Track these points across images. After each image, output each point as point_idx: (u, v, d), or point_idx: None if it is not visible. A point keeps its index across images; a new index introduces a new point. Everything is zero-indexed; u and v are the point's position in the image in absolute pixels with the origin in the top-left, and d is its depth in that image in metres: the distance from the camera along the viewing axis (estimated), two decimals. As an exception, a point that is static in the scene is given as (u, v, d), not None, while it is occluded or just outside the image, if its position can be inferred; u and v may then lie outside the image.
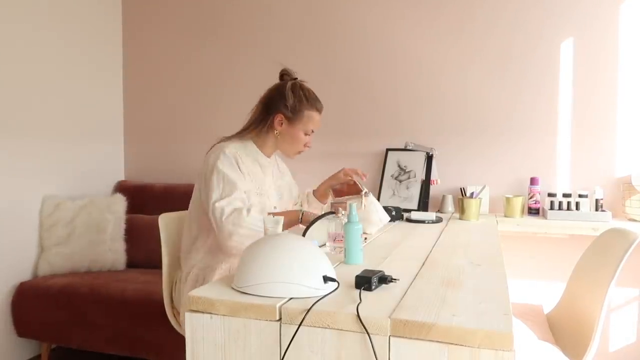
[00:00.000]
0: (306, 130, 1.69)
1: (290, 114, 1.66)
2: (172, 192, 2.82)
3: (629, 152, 2.34)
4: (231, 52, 2.90)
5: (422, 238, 1.72)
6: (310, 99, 1.70)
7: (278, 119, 1.67)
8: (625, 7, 2.32)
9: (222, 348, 0.95)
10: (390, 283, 1.06)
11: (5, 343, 2.40)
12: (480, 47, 2.51)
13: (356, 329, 0.87)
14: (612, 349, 2.38)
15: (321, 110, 1.73)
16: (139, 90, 3.10)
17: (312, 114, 1.69)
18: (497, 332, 0.79)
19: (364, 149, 2.69)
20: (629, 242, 1.36)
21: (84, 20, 2.82)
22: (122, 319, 2.17)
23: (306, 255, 1.03)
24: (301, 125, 1.68)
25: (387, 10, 2.64)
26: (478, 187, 2.31)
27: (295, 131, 1.68)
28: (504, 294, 1.00)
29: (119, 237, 2.63)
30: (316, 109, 1.70)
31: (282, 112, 1.66)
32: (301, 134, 1.69)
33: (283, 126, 1.68)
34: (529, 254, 2.44)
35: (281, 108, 1.66)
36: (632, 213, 2.22)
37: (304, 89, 1.70)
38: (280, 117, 1.67)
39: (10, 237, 2.41)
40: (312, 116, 1.69)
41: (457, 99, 2.56)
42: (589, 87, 2.38)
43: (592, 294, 1.43)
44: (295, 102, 1.66)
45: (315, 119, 1.71)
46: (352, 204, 1.28)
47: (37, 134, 2.54)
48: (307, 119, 1.68)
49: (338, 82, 2.72)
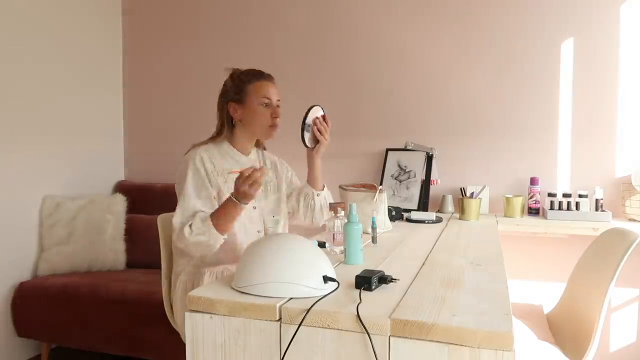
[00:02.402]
0: (259, 101, 1.65)
1: (237, 96, 1.66)
2: (172, 192, 2.77)
3: (629, 152, 2.34)
4: (231, 52, 2.90)
5: (422, 238, 1.72)
6: (248, 73, 1.68)
7: (232, 108, 1.67)
8: (625, 7, 2.32)
9: (222, 348, 0.95)
10: (390, 283, 1.06)
11: (5, 343, 2.40)
12: (480, 47, 2.51)
13: (356, 329, 0.87)
14: (613, 349, 2.38)
15: (266, 77, 1.68)
16: (139, 90, 3.10)
17: (256, 83, 1.66)
18: (497, 332, 0.79)
19: (364, 149, 2.68)
20: (629, 242, 1.36)
21: (84, 20, 2.82)
22: (122, 319, 2.17)
23: (306, 255, 1.03)
24: (251, 99, 1.65)
25: (387, 11, 2.64)
26: (478, 187, 2.31)
27: (250, 108, 1.65)
28: (504, 294, 1.00)
29: (119, 237, 2.63)
30: (258, 78, 1.67)
31: (231, 100, 1.67)
32: (257, 107, 1.65)
33: (238, 112, 1.67)
34: (529, 254, 2.44)
35: (229, 97, 1.68)
36: (632, 213, 2.22)
37: (242, 70, 1.70)
38: (232, 105, 1.67)
39: (10, 237, 2.41)
40: (258, 86, 1.65)
41: (457, 99, 2.55)
42: (589, 87, 2.38)
43: (592, 294, 1.43)
44: (235, 83, 1.68)
45: (263, 86, 1.66)
46: (352, 204, 1.28)
47: (37, 134, 2.54)
48: (253, 91, 1.65)
49: (338, 83, 2.72)
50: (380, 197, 1.76)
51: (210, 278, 1.60)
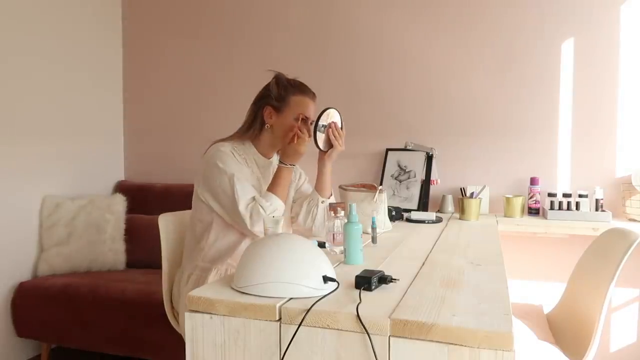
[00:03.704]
0: (297, 117, 1.63)
1: (277, 104, 1.64)
2: (172, 192, 2.82)
3: (629, 152, 2.34)
4: (231, 52, 2.90)
5: (422, 238, 1.71)
6: (295, 85, 1.67)
7: (267, 112, 1.66)
8: (625, 8, 2.32)
9: (221, 348, 0.95)
10: (390, 283, 1.06)
11: (5, 343, 2.40)
12: (480, 47, 2.51)
13: (356, 329, 0.86)
14: (613, 349, 2.38)
15: (311, 96, 1.68)
16: (139, 90, 3.10)
17: (299, 98, 1.65)
18: (497, 332, 0.79)
19: (364, 149, 2.68)
20: (629, 242, 1.36)
21: (84, 20, 2.82)
22: (122, 319, 2.17)
23: (306, 255, 1.03)
24: (290, 111, 1.64)
25: (387, 11, 2.64)
26: (478, 187, 2.31)
27: (285, 119, 1.64)
28: (504, 294, 1.00)
29: (119, 237, 2.63)
30: (303, 93, 1.66)
31: (270, 104, 1.65)
32: (293, 121, 1.63)
33: (273, 118, 1.65)
34: (529, 254, 2.44)
35: (268, 101, 1.66)
36: (632, 213, 2.22)
37: (289, 79, 1.69)
38: (269, 109, 1.65)
39: (10, 237, 2.41)
40: (300, 100, 1.65)
41: (457, 99, 2.56)
42: (589, 87, 2.38)
43: (592, 294, 1.43)
44: (280, 90, 1.65)
45: (304, 103, 1.65)
46: (352, 204, 1.28)
47: (37, 134, 2.54)
48: (294, 104, 1.64)
49: (338, 82, 2.72)
50: (380, 197, 1.76)
51: (215, 277, 1.60)
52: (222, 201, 1.55)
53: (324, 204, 1.73)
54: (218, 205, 1.57)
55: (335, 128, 1.69)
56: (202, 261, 1.63)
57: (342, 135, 1.72)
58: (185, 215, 1.82)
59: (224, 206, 1.55)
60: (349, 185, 1.86)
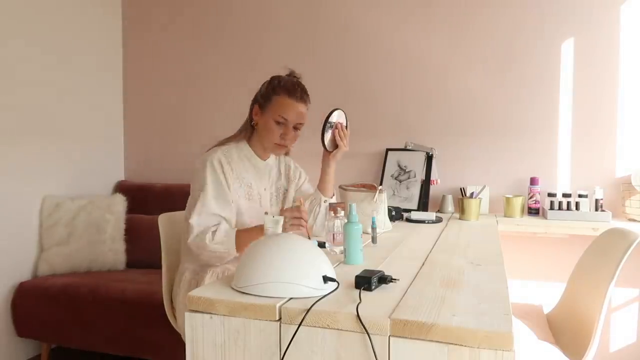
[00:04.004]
0: (275, 118, 1.57)
1: (262, 102, 1.63)
2: (172, 192, 2.82)
3: (629, 152, 2.34)
4: (231, 51, 2.90)
5: (422, 238, 1.71)
6: (285, 86, 1.59)
7: (255, 110, 1.65)
8: (625, 8, 2.32)
9: (221, 348, 0.95)
10: (390, 283, 1.06)
11: (5, 343, 2.40)
12: (480, 47, 2.51)
13: (356, 329, 0.87)
14: (613, 349, 2.38)
15: (298, 98, 1.59)
16: (139, 90, 3.10)
17: (282, 98, 1.57)
18: (497, 332, 0.79)
19: (364, 149, 2.68)
20: (629, 242, 1.36)
21: (84, 20, 2.82)
22: (122, 319, 2.17)
23: (306, 255, 1.03)
24: (271, 111, 1.59)
25: (387, 11, 2.64)
26: (478, 187, 2.31)
27: (266, 119, 1.60)
28: (504, 294, 1.00)
29: (119, 237, 2.63)
30: (289, 94, 1.58)
31: (257, 102, 1.65)
32: (272, 122, 1.58)
33: (258, 115, 1.64)
34: (529, 254, 2.44)
35: (257, 99, 1.66)
36: (632, 213, 2.22)
37: (284, 79, 1.63)
38: (256, 107, 1.65)
39: (10, 237, 2.41)
40: (282, 101, 1.57)
41: (457, 99, 2.56)
42: (589, 87, 2.38)
43: (592, 293, 1.43)
44: (267, 89, 1.63)
45: (286, 104, 1.57)
46: (352, 204, 1.28)
47: (37, 134, 2.54)
48: (276, 104, 1.58)
49: (338, 82, 2.72)
50: (380, 197, 1.76)
51: (211, 278, 1.60)
52: (189, 204, 1.58)
53: (327, 203, 1.73)
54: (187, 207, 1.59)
55: (341, 129, 1.70)
56: (194, 263, 1.64)
57: (347, 136, 1.73)
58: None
59: (186, 209, 1.57)
60: (349, 185, 1.86)
